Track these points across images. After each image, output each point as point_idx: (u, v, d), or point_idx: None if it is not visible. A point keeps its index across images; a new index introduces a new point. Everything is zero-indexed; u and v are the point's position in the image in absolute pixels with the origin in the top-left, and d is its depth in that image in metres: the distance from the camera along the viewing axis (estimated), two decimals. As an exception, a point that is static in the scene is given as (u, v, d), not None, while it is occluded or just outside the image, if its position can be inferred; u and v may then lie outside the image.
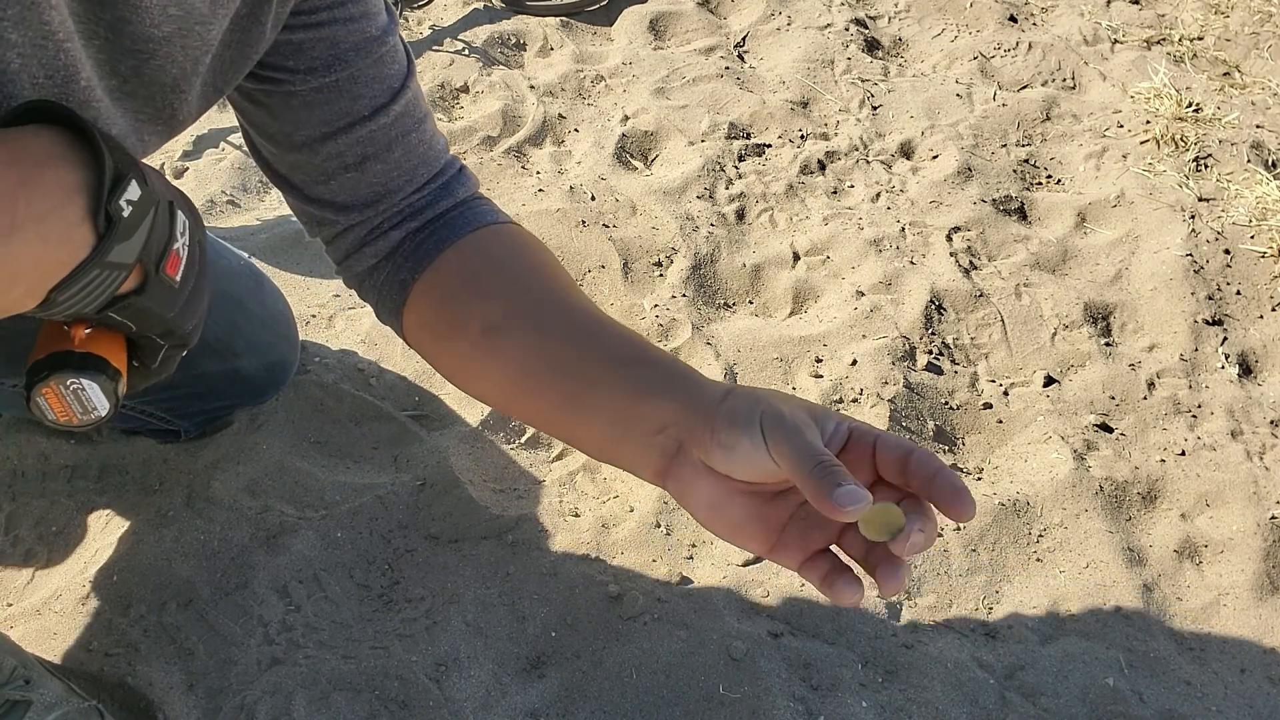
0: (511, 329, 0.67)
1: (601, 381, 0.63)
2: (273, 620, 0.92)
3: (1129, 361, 1.28)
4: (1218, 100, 1.73)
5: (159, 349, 0.59)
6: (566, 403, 0.65)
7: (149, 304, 0.54)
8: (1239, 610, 1.03)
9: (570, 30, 1.73)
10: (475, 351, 0.69)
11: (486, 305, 0.69)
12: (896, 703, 0.91)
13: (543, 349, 0.66)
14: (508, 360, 0.67)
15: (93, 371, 0.55)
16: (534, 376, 0.66)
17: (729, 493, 0.59)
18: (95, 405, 0.56)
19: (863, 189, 1.49)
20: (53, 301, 0.48)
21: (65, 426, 0.57)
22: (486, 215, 0.77)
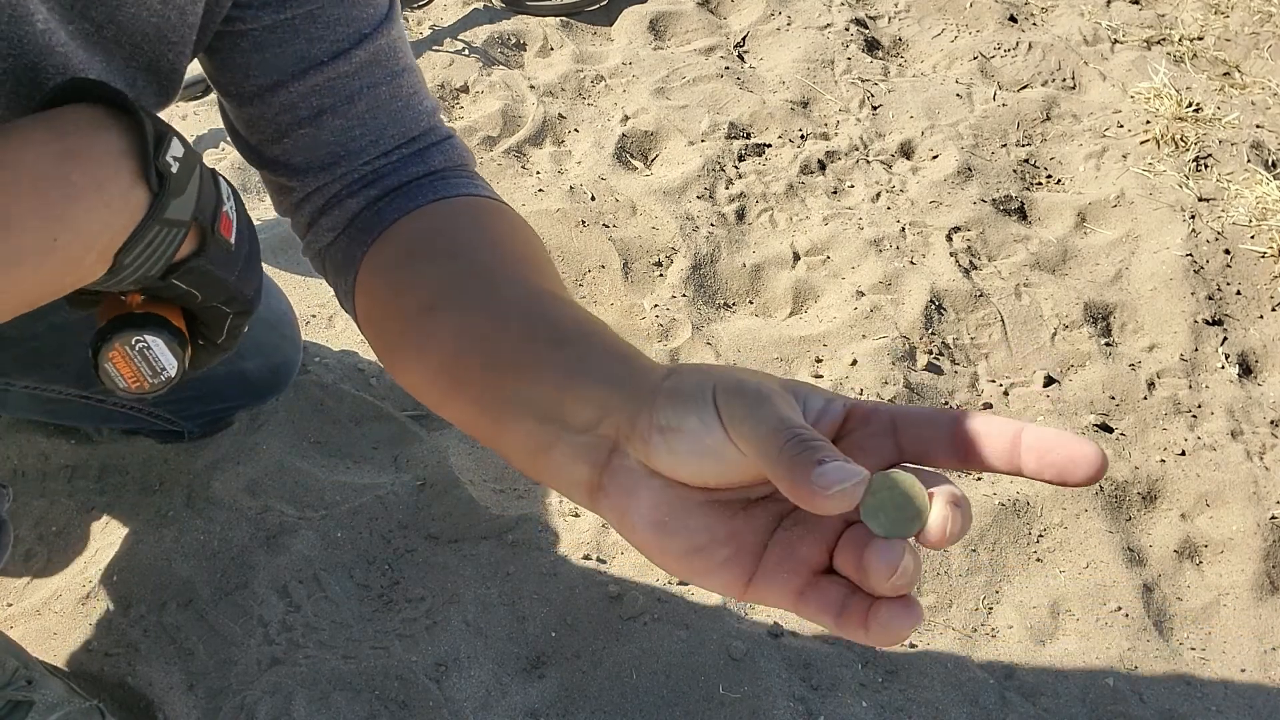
0: (446, 307, 0.55)
1: (529, 368, 0.49)
2: (273, 620, 0.92)
3: (1129, 361, 1.28)
4: (1218, 100, 1.73)
5: (224, 319, 0.60)
6: (490, 396, 0.50)
7: (210, 266, 0.55)
8: (1239, 610, 1.03)
9: (570, 30, 1.73)
10: (408, 333, 0.56)
11: (425, 280, 0.58)
12: (896, 703, 0.91)
13: (472, 330, 0.53)
14: (440, 344, 0.54)
15: (155, 327, 0.55)
16: (461, 364, 0.53)
17: (680, 504, 0.41)
18: (164, 365, 0.56)
19: (863, 189, 1.49)
20: (120, 266, 0.50)
21: (137, 394, 0.57)
22: (459, 186, 0.64)
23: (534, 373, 0.48)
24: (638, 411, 0.42)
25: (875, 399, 1.16)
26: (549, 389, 0.47)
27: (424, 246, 0.60)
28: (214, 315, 0.59)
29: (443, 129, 0.67)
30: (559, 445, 0.45)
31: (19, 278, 0.45)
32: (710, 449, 0.39)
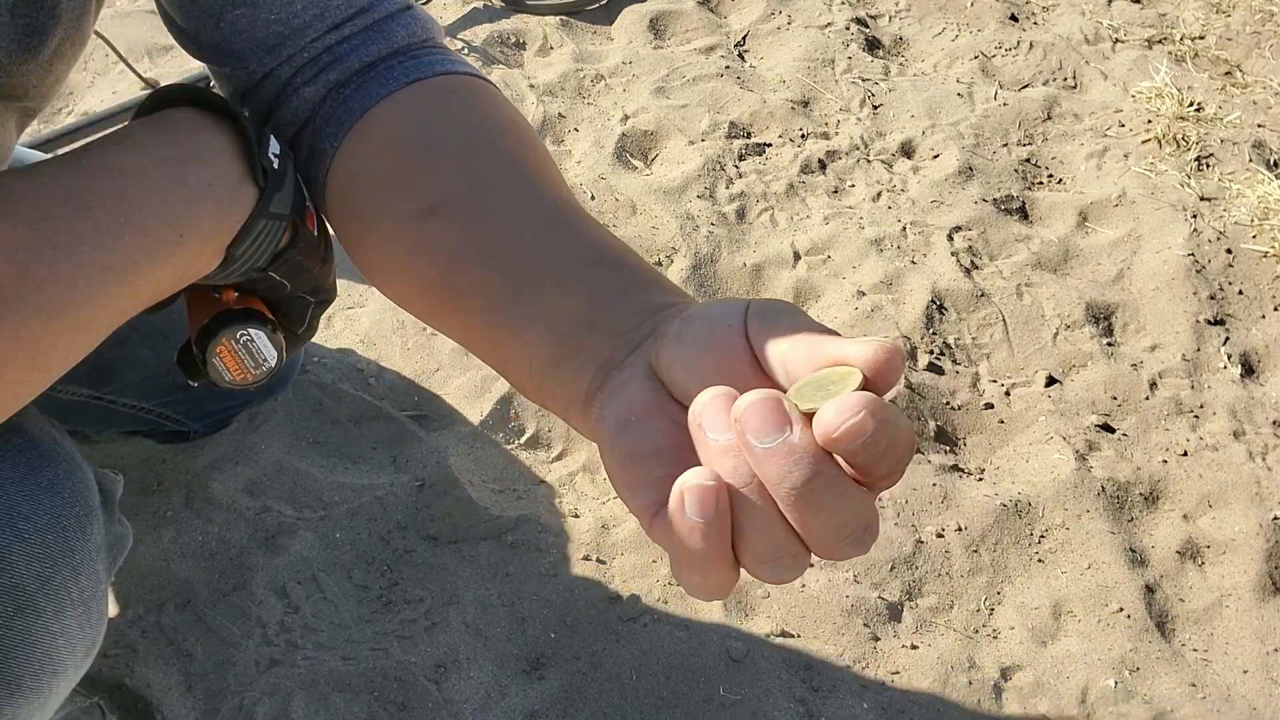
0: (449, 212, 0.51)
1: (556, 285, 0.46)
2: (271, 621, 0.91)
3: (1131, 361, 1.27)
4: (1219, 100, 1.72)
5: (307, 308, 0.62)
6: (502, 311, 0.47)
7: (301, 258, 0.57)
8: (1241, 611, 1.02)
9: (570, 29, 1.73)
10: (400, 239, 0.53)
11: (418, 181, 0.53)
12: (898, 704, 0.91)
13: (481, 240, 0.50)
14: (439, 252, 0.51)
15: (256, 321, 0.58)
16: (466, 276, 0.49)
17: (653, 410, 0.38)
18: (265, 355, 0.59)
19: (863, 188, 1.48)
20: (232, 258, 0.52)
21: (241, 385, 0.60)
22: (434, 64, 0.58)
23: (563, 290, 0.46)
24: (676, 316, 0.40)
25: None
26: (579, 305, 0.45)
27: (411, 140, 0.55)
28: (298, 305, 0.61)
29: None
30: (575, 358, 0.43)
31: (150, 275, 0.48)
32: (717, 341, 0.37)
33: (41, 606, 0.51)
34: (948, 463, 1.13)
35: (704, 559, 0.33)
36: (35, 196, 0.45)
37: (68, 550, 0.53)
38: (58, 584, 0.52)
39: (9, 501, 0.51)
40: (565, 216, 0.50)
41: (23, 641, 0.51)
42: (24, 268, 0.43)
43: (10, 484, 0.52)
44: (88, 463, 0.58)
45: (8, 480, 0.52)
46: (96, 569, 0.56)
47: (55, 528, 0.53)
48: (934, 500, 1.07)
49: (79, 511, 0.54)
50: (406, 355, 1.17)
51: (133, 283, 0.48)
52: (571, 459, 1.10)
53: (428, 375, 1.16)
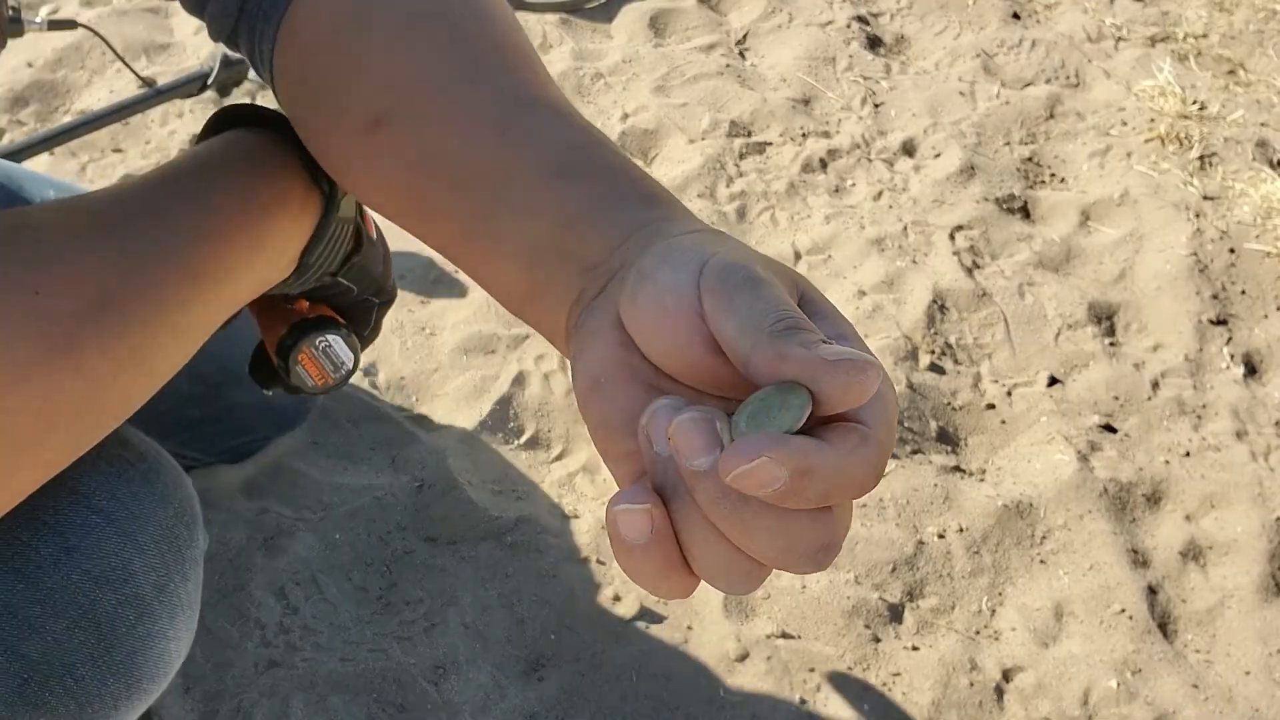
0: (397, 120, 0.45)
1: (520, 202, 0.40)
2: (270, 623, 0.91)
3: (1133, 361, 1.27)
4: (1222, 98, 1.72)
5: (372, 310, 0.64)
6: (468, 229, 0.42)
7: (366, 261, 0.60)
8: (1244, 612, 1.02)
9: (569, 27, 1.72)
10: (353, 154, 0.47)
11: (361, 85, 0.46)
12: (898, 705, 0.90)
13: (434, 150, 0.43)
14: (395, 166, 0.45)
15: (331, 328, 0.61)
16: (427, 190, 0.44)
17: (621, 369, 0.34)
18: (343, 359, 0.62)
19: (864, 187, 1.48)
20: (306, 265, 0.55)
21: (322, 390, 0.63)
22: None
23: (527, 212, 0.40)
24: (643, 252, 0.36)
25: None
26: (546, 228, 0.39)
27: (345, 30, 0.47)
28: (363, 308, 0.64)
29: None
30: (548, 292, 0.39)
31: (234, 282, 0.50)
32: (669, 312, 0.33)
33: (158, 613, 0.54)
34: (949, 463, 1.12)
35: (652, 572, 0.32)
36: (125, 212, 0.47)
37: (179, 558, 0.56)
38: (171, 591, 0.55)
39: (129, 515, 0.54)
40: (526, 115, 0.43)
41: (143, 647, 0.53)
42: (124, 277, 0.45)
43: (129, 498, 0.54)
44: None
45: (126, 495, 0.54)
46: (199, 573, 0.59)
47: (169, 538, 0.55)
48: (935, 501, 1.07)
49: (187, 520, 0.57)
50: (406, 355, 1.17)
51: (219, 289, 0.50)
52: (571, 459, 1.09)
53: (427, 375, 1.16)
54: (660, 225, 0.38)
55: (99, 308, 0.44)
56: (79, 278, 0.44)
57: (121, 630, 0.52)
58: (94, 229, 0.46)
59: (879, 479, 0.31)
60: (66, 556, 0.51)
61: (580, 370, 0.35)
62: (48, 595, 0.50)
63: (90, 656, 0.51)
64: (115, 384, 0.46)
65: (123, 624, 0.52)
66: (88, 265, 0.45)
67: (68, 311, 0.43)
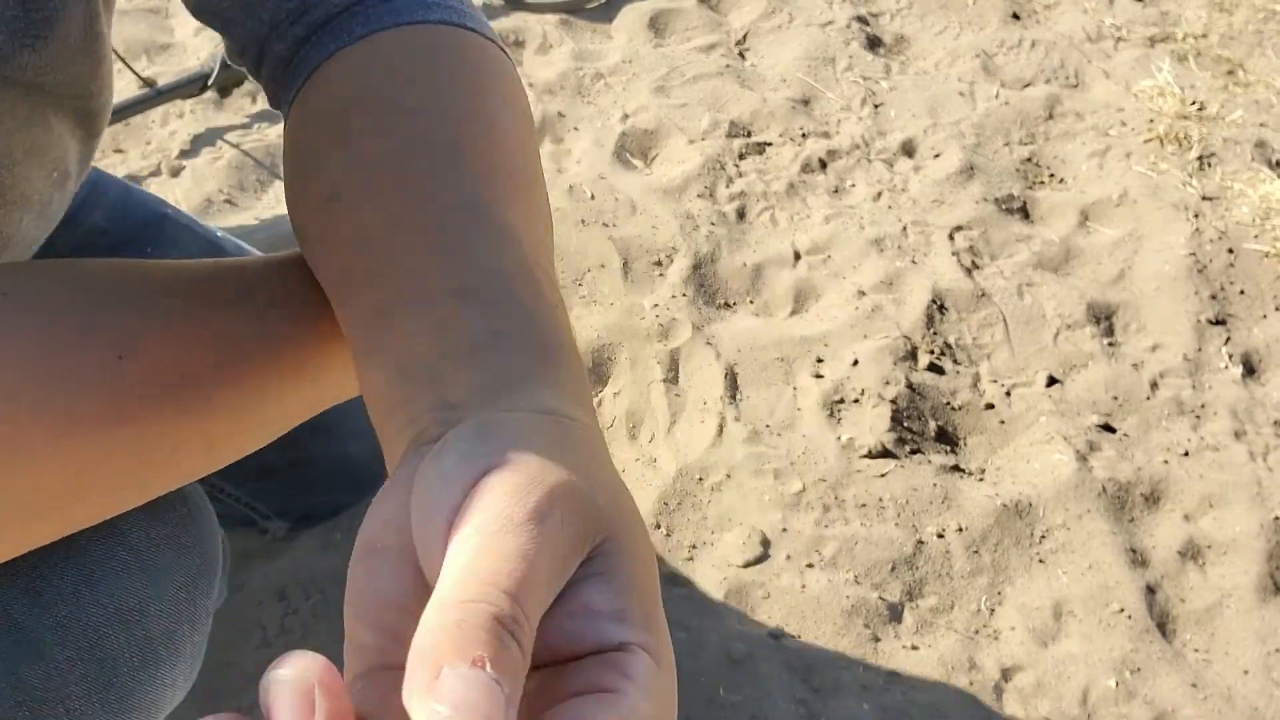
0: (350, 198, 0.42)
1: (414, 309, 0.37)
2: (271, 623, 0.91)
3: (1132, 361, 1.27)
4: (1221, 99, 1.72)
5: None
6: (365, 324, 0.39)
7: None
8: (1242, 612, 1.02)
9: (569, 28, 1.73)
10: (310, 222, 0.45)
11: (332, 158, 0.44)
12: (898, 705, 0.90)
13: (369, 236, 0.41)
14: (335, 244, 0.42)
15: None
16: (350, 275, 0.41)
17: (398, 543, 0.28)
18: None
19: (864, 188, 1.48)
20: None
21: None
22: (402, 12, 0.48)
23: (419, 324, 0.36)
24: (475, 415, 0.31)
25: (877, 399, 1.16)
26: (427, 348, 0.35)
27: (337, 107, 0.46)
28: None
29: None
30: (398, 414, 0.34)
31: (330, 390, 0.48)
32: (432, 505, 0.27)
33: (163, 658, 0.53)
34: (948, 463, 1.13)
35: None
36: (238, 291, 0.45)
37: (192, 607, 0.55)
38: (179, 639, 0.54)
39: (159, 557, 0.52)
40: (461, 224, 0.40)
41: (140, 690, 0.52)
42: (224, 359, 0.43)
43: (162, 540, 0.53)
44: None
45: (160, 537, 0.53)
46: (208, 626, 0.58)
47: (188, 585, 0.54)
48: (934, 500, 1.07)
49: (210, 571, 0.56)
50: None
51: (314, 388, 0.47)
52: (571, 459, 1.09)
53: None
54: (529, 388, 0.33)
55: (181, 384, 0.41)
56: (170, 348, 0.42)
57: (124, 670, 0.51)
58: (199, 302, 0.44)
59: None
60: (87, 588, 0.50)
61: (363, 527, 0.29)
62: (60, 623, 0.49)
63: (88, 691, 0.50)
64: (170, 462, 0.43)
65: (127, 664, 0.51)
66: (180, 340, 0.42)
67: (143, 381, 0.41)
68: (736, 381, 1.18)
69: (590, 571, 0.26)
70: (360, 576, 0.28)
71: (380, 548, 0.28)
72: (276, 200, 1.37)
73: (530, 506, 0.25)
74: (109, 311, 0.41)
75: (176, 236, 0.84)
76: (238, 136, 1.45)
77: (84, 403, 0.39)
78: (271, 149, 1.44)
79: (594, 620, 0.26)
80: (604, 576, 0.26)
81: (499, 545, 0.24)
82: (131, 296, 0.42)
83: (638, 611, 0.26)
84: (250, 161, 1.42)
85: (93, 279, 0.42)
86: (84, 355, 0.39)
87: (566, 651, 0.26)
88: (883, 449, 1.11)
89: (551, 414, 0.31)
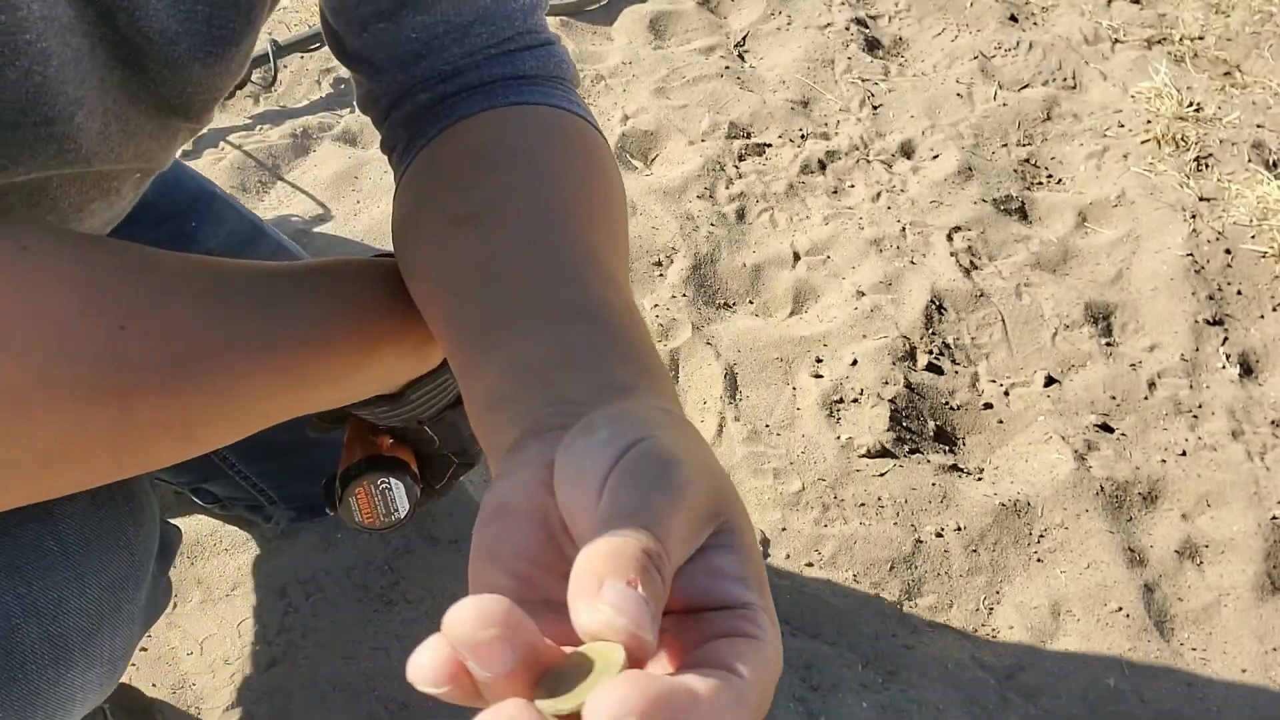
0: (484, 225, 0.49)
1: (534, 324, 0.42)
2: (271, 621, 0.91)
3: (1130, 361, 1.27)
4: (1218, 100, 1.72)
5: (449, 468, 0.64)
6: (480, 329, 0.44)
7: (459, 419, 0.59)
8: (1240, 611, 1.02)
9: (569, 29, 1.73)
10: (433, 238, 0.51)
11: (467, 189, 0.51)
12: (897, 703, 0.91)
13: (496, 258, 0.47)
14: (459, 260, 0.48)
15: (400, 472, 0.60)
16: (471, 282, 0.46)
17: (536, 505, 0.32)
18: (397, 506, 0.61)
19: (863, 188, 1.48)
20: (406, 398, 0.55)
21: (365, 528, 0.62)
22: (546, 95, 0.56)
23: (536, 336, 0.42)
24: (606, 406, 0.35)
25: (876, 399, 1.16)
26: (545, 353, 0.40)
27: (482, 152, 0.53)
28: (442, 463, 0.63)
29: (542, 33, 0.59)
30: (513, 406, 0.38)
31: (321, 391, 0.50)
32: (584, 471, 0.30)
33: (75, 660, 0.51)
34: (947, 462, 1.13)
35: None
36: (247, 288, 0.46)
37: (115, 610, 0.53)
38: (97, 641, 0.52)
39: (87, 553, 0.51)
40: (580, 266, 0.46)
41: (46, 690, 0.50)
42: (219, 346, 0.44)
43: (94, 535, 0.51)
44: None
45: (94, 531, 0.51)
46: (133, 630, 0.56)
47: (113, 586, 0.52)
48: (933, 500, 1.07)
49: (138, 574, 0.54)
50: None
51: (304, 392, 0.49)
52: (571, 459, 1.10)
53: (428, 375, 1.16)
54: (641, 395, 0.37)
55: (174, 364, 0.42)
56: (170, 332, 0.43)
57: (32, 667, 0.49)
58: (209, 293, 0.45)
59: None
60: (5, 575, 0.48)
61: (493, 491, 0.33)
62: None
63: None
64: (152, 441, 0.43)
65: (35, 660, 0.49)
66: (184, 323, 0.43)
67: (139, 354, 0.41)
68: (736, 381, 1.18)
69: (718, 542, 0.30)
70: (495, 530, 0.32)
71: (512, 509, 0.32)
72: (278, 201, 1.38)
73: (675, 473, 0.29)
74: (118, 282, 0.42)
75: (222, 214, 0.86)
76: (240, 138, 1.46)
77: (84, 369, 0.40)
78: (273, 150, 1.44)
79: (723, 580, 0.30)
80: (730, 548, 0.30)
81: (648, 498, 0.28)
82: (142, 274, 0.43)
83: (756, 581, 0.30)
84: (252, 163, 1.42)
85: (114, 253, 0.44)
86: (91, 321, 0.40)
87: (699, 603, 0.29)
88: (882, 448, 1.11)
89: (668, 412, 0.35)
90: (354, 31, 0.57)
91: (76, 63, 0.42)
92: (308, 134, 1.47)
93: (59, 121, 0.42)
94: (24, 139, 0.41)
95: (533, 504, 0.32)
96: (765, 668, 0.28)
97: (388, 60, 0.57)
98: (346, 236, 1.33)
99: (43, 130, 0.42)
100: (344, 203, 1.38)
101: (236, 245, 0.85)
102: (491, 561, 0.32)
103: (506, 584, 0.31)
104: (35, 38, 0.39)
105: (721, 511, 0.31)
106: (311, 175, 1.42)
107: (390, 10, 0.55)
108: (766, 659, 0.28)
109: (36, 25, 0.39)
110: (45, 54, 0.40)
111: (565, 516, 0.31)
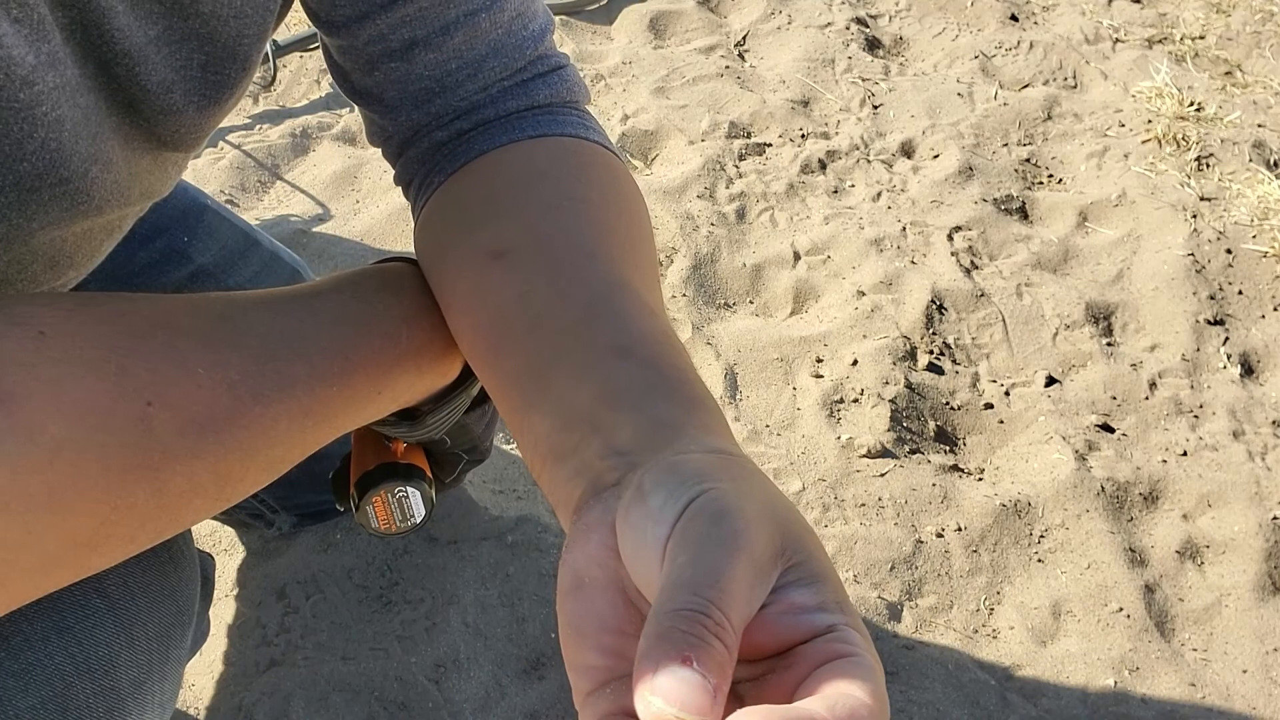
0: (516, 260, 0.49)
1: (576, 363, 0.42)
2: (270, 622, 0.91)
3: (1130, 361, 1.27)
4: (1219, 99, 1.72)
5: (459, 463, 0.65)
6: (525, 377, 0.44)
7: (470, 422, 0.60)
8: (1240, 611, 1.02)
9: (570, 29, 1.73)
10: (467, 274, 0.51)
11: (500, 223, 0.51)
12: (897, 703, 0.91)
13: (532, 296, 0.47)
14: (494, 298, 0.48)
15: (417, 480, 0.61)
16: (509, 329, 0.47)
17: (603, 578, 0.33)
18: (414, 512, 0.62)
19: (863, 188, 1.48)
20: (421, 420, 0.55)
21: (383, 534, 0.63)
22: (565, 125, 0.57)
23: (579, 377, 0.42)
24: (654, 460, 0.35)
25: (876, 399, 1.16)
26: (588, 398, 0.40)
27: (508, 186, 0.53)
28: (452, 459, 0.64)
29: (553, 56, 0.59)
30: (570, 460, 0.39)
31: (342, 423, 0.50)
32: (644, 537, 0.31)
33: (128, 710, 0.52)
34: (947, 462, 1.13)
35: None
36: (265, 333, 0.46)
37: (164, 657, 0.53)
38: (148, 689, 0.53)
39: (133, 606, 0.51)
40: (616, 296, 0.46)
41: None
42: (240, 404, 0.44)
43: (139, 587, 0.52)
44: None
45: (137, 584, 0.52)
46: (180, 673, 0.57)
47: (161, 635, 0.53)
48: (933, 500, 1.07)
49: (184, 619, 0.55)
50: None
51: (326, 429, 0.49)
52: (571, 459, 1.10)
53: (428, 375, 1.16)
54: (689, 433, 0.37)
55: (201, 430, 0.42)
56: (194, 396, 0.42)
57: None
58: (225, 343, 0.44)
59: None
60: (56, 636, 0.48)
61: (567, 565, 0.34)
62: (25, 669, 0.47)
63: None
64: (188, 505, 0.43)
65: (91, 715, 0.50)
66: (206, 384, 0.43)
67: (168, 429, 0.41)
68: (736, 381, 1.18)
69: (790, 579, 0.31)
70: (576, 608, 0.33)
71: (588, 581, 0.33)
72: (277, 201, 1.38)
73: (729, 525, 0.30)
74: (142, 357, 0.41)
75: (214, 227, 0.86)
76: (239, 137, 1.46)
77: (115, 452, 0.39)
78: (273, 150, 1.44)
79: (802, 614, 0.30)
80: (803, 580, 0.31)
81: (703, 561, 0.29)
82: (161, 339, 0.43)
83: (834, 601, 0.31)
84: (251, 163, 1.42)
85: (126, 319, 0.43)
86: (118, 404, 0.40)
87: (788, 640, 0.30)
88: (882, 449, 1.11)
89: (718, 452, 0.35)
90: (364, 70, 0.56)
91: (87, 121, 0.42)
92: (307, 133, 1.47)
93: (74, 179, 0.43)
94: (41, 200, 0.42)
95: (606, 573, 0.33)
96: (871, 676, 0.28)
97: (400, 98, 0.56)
98: (346, 236, 1.33)
99: (59, 189, 0.42)
100: (343, 202, 1.38)
101: (229, 259, 0.85)
102: (580, 639, 0.33)
103: (599, 662, 0.32)
104: (50, 108, 0.40)
105: (787, 546, 0.31)
106: (311, 175, 1.42)
107: (401, 49, 0.54)
108: (869, 668, 0.29)
109: (51, 96, 0.39)
110: (59, 121, 0.40)
111: (640, 588, 0.32)
